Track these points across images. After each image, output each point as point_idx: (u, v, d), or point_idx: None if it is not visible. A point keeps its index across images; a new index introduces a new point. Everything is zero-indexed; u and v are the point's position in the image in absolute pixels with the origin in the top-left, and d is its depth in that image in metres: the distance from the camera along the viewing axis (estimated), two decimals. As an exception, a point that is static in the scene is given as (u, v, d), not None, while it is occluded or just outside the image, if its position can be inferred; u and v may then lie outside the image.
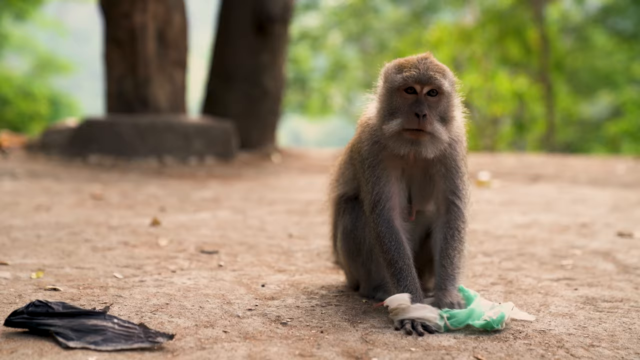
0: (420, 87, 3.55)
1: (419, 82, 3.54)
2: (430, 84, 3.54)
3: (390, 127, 3.56)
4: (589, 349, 3.14)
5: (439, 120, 3.58)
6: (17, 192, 7.87)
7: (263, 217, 6.69)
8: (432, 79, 3.54)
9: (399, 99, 3.58)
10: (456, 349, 3.09)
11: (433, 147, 3.57)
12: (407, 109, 3.54)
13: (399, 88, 3.57)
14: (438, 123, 3.57)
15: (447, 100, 3.61)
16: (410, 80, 3.55)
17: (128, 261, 4.63)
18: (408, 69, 3.58)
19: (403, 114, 3.55)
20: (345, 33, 33.97)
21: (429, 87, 3.55)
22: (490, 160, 14.07)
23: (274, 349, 3.02)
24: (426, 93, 3.56)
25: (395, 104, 3.59)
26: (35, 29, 34.44)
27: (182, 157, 11.52)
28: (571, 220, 6.73)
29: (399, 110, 3.57)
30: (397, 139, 3.56)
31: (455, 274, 3.67)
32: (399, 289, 3.56)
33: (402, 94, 3.58)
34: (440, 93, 3.58)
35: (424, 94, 3.55)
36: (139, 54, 12.10)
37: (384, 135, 3.60)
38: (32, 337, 3.02)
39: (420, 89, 3.55)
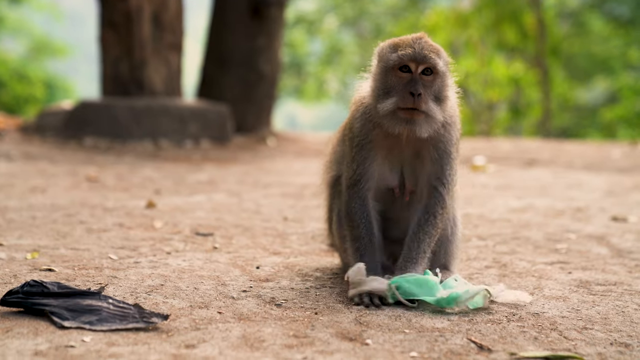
0: (415, 65, 3.56)
1: (414, 61, 3.55)
2: (425, 63, 3.55)
3: (384, 106, 3.57)
4: (582, 331, 3.16)
5: (434, 100, 3.59)
6: (12, 173, 7.86)
7: (258, 200, 6.70)
8: (427, 58, 3.55)
9: (394, 78, 3.59)
10: (450, 331, 3.10)
11: (427, 126, 3.57)
12: (401, 87, 3.55)
13: (394, 67, 3.58)
14: (432, 102, 3.58)
15: (441, 79, 3.62)
16: (406, 58, 3.55)
17: (123, 243, 4.63)
18: (403, 48, 3.59)
19: (398, 93, 3.55)
20: (341, 17, 33.85)
21: (423, 65, 3.56)
22: (485, 145, 14.08)
23: (268, 329, 3.03)
24: (421, 72, 3.57)
25: (389, 83, 3.60)
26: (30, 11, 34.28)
27: (177, 140, 11.50)
28: (566, 205, 6.75)
29: (393, 89, 3.58)
30: (392, 118, 3.57)
31: (419, 258, 3.66)
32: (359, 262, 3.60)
33: (396, 72, 3.58)
34: (434, 72, 3.59)
35: (418, 73, 3.56)
36: (134, 37, 12.05)
37: (379, 114, 3.61)
38: (27, 317, 3.02)
39: (415, 68, 3.56)
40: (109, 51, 12.20)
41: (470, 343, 2.97)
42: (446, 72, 3.67)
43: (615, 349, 2.97)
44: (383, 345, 2.91)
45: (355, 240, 3.73)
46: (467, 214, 6.04)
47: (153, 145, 11.19)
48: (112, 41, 12.15)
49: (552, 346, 2.97)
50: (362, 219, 3.74)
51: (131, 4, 11.98)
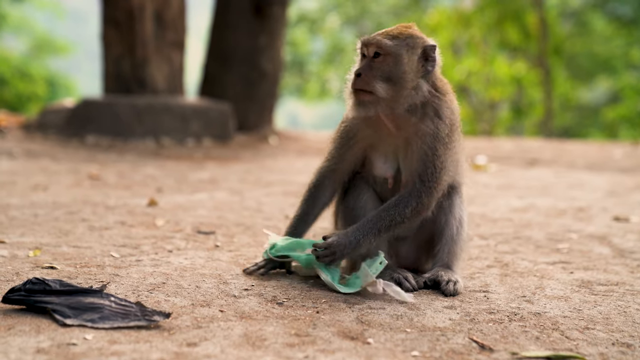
0: (366, 49, 3.69)
1: (364, 44, 3.69)
2: (372, 45, 3.66)
3: (345, 91, 3.73)
4: (584, 331, 3.16)
5: (383, 80, 3.63)
6: (14, 171, 7.86)
7: (260, 199, 6.70)
8: (373, 40, 3.67)
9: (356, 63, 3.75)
10: (451, 330, 3.11)
11: (376, 106, 3.63)
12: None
13: (357, 53, 3.75)
14: (381, 82, 3.62)
15: (392, 61, 3.64)
16: (359, 43, 3.71)
17: (125, 241, 4.63)
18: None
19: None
20: (344, 16, 33.84)
21: (372, 48, 3.66)
22: (487, 145, 14.08)
23: (270, 328, 3.03)
24: (372, 55, 3.66)
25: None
26: (33, 9, 34.30)
27: (179, 139, 11.50)
28: (568, 205, 6.75)
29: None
30: (350, 102, 3.71)
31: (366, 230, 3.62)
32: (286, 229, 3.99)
33: (359, 58, 3.74)
34: (383, 54, 3.65)
35: (370, 56, 3.67)
36: (136, 35, 12.05)
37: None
38: (29, 314, 3.02)
39: (367, 51, 3.68)
40: (111, 49, 12.20)
41: (472, 342, 2.97)
42: (401, 54, 3.65)
43: (617, 349, 2.97)
44: (384, 345, 2.91)
45: (296, 210, 4.04)
46: (469, 213, 6.03)
47: (155, 143, 11.20)
48: (114, 39, 12.15)
49: (553, 346, 2.97)
50: (309, 193, 3.97)
51: (133, 1, 11.99)
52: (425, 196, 3.68)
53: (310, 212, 3.98)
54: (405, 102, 3.65)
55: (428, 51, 3.70)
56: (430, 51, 3.71)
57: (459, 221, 3.90)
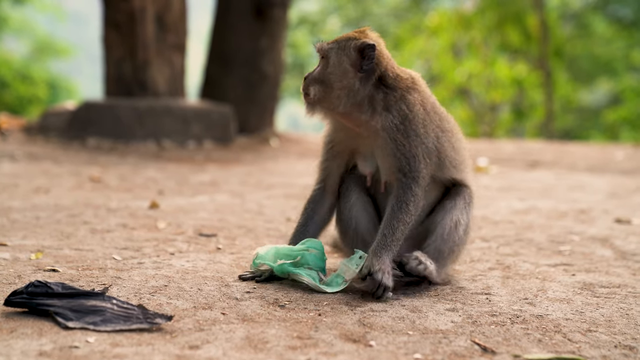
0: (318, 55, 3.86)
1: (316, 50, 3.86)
2: (317, 51, 3.82)
3: None
4: (586, 334, 3.16)
5: (317, 82, 3.77)
6: (16, 174, 7.87)
7: (261, 201, 6.70)
8: (317, 45, 3.82)
9: None
10: (453, 333, 3.10)
11: (315, 107, 3.80)
12: None
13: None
14: (314, 84, 3.78)
15: (325, 63, 3.79)
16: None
17: (127, 243, 4.63)
18: None
19: None
20: (344, 18, 33.84)
21: (319, 53, 3.82)
22: (488, 147, 14.08)
23: (272, 331, 3.03)
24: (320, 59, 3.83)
25: None
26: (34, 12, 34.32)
27: (180, 141, 11.51)
28: (569, 207, 6.75)
29: None
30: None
31: (391, 244, 3.69)
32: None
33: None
34: (322, 57, 3.80)
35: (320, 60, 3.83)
36: (138, 38, 12.06)
37: None
38: (31, 317, 3.02)
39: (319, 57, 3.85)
40: (113, 52, 12.21)
41: (474, 345, 2.97)
42: (329, 57, 3.79)
43: (620, 351, 2.96)
44: (387, 347, 2.91)
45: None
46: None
47: (156, 145, 11.20)
48: (116, 42, 12.16)
49: (556, 348, 2.97)
50: (305, 209, 4.03)
51: (134, 4, 12.00)
52: (414, 186, 3.74)
53: (307, 230, 4.01)
54: (341, 101, 3.76)
55: (366, 50, 3.74)
56: (368, 50, 3.74)
57: (455, 223, 3.88)
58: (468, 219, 3.94)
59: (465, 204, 3.93)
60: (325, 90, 3.76)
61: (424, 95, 3.87)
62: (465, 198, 3.94)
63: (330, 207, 4.03)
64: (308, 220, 4.01)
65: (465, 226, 3.92)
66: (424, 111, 3.80)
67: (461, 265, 4.38)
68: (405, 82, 3.83)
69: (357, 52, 3.75)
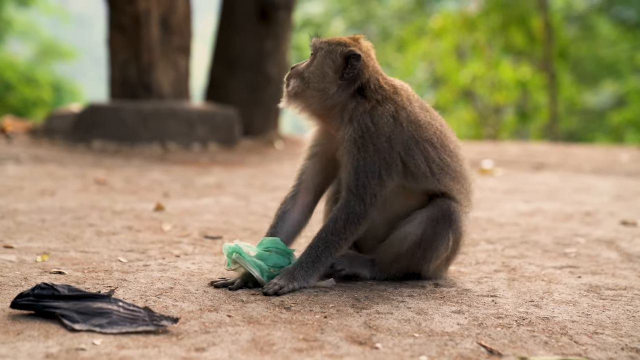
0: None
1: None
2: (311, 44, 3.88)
3: None
4: (593, 336, 3.15)
5: (298, 76, 3.84)
6: (21, 176, 7.88)
7: (266, 203, 6.70)
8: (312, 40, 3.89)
9: None
10: (459, 335, 3.10)
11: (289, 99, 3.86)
12: None
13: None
14: (295, 78, 3.84)
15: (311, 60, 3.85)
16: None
17: (132, 245, 4.64)
18: None
19: None
20: (348, 21, 33.84)
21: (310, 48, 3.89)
22: (493, 149, 14.07)
23: (278, 333, 3.03)
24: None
25: None
26: (38, 14, 34.39)
27: (185, 143, 11.52)
28: (575, 209, 6.74)
29: None
30: None
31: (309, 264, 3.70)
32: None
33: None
34: (312, 53, 3.86)
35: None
36: (142, 40, 12.08)
37: None
38: (37, 320, 3.03)
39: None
40: (117, 54, 12.23)
41: (480, 347, 2.96)
42: (316, 56, 3.83)
43: (627, 354, 2.96)
44: (393, 349, 2.91)
45: None
46: (475, 217, 6.03)
47: (161, 148, 11.21)
48: (121, 44, 12.18)
49: (562, 351, 2.97)
50: (276, 211, 4.05)
51: (139, 7, 12.02)
52: (356, 204, 3.70)
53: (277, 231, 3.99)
54: (314, 102, 3.79)
55: (350, 59, 3.76)
56: (353, 59, 3.76)
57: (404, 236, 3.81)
58: (423, 232, 3.79)
59: (430, 219, 3.79)
60: (302, 87, 3.80)
61: (401, 105, 3.80)
62: (433, 211, 3.81)
63: (304, 208, 4.00)
64: (278, 221, 3.99)
65: (416, 237, 3.80)
66: (393, 123, 3.74)
67: (466, 268, 4.38)
68: (384, 92, 3.81)
69: (342, 59, 3.78)
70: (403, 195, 3.84)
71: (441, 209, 3.82)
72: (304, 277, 3.68)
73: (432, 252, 3.82)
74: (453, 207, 3.84)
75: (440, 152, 3.84)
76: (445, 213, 3.81)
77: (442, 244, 3.82)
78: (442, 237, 3.81)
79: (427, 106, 3.99)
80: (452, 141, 3.96)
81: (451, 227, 3.82)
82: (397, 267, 3.90)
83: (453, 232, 3.83)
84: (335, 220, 3.72)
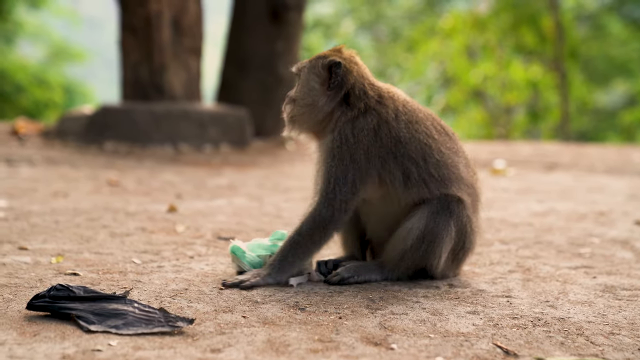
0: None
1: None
2: (294, 70, 3.95)
3: None
4: (609, 336, 3.14)
5: (290, 102, 3.94)
6: (34, 178, 7.91)
7: (279, 204, 6.70)
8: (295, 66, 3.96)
9: None
10: (475, 336, 3.09)
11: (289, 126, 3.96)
12: None
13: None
14: (290, 103, 3.94)
15: (300, 82, 3.92)
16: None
17: (146, 247, 4.65)
18: None
19: None
20: (358, 21, 33.84)
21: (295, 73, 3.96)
22: (505, 149, 14.03)
23: (293, 334, 3.03)
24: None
25: None
26: (49, 16, 34.51)
27: (197, 145, 11.54)
28: (588, 209, 6.71)
29: None
30: None
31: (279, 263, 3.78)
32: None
33: None
34: (298, 75, 3.94)
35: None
36: (154, 42, 12.11)
37: None
38: (54, 321, 3.04)
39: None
40: (129, 56, 12.26)
41: (496, 348, 2.95)
42: (299, 76, 3.91)
43: (644, 354, 2.94)
44: (408, 350, 2.90)
45: None
46: (489, 217, 6.02)
47: (173, 149, 11.24)
48: (132, 46, 12.21)
49: (579, 351, 2.95)
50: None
51: (151, 8, 12.05)
52: (323, 209, 3.78)
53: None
54: (307, 119, 3.89)
55: (332, 68, 3.82)
56: (335, 67, 3.81)
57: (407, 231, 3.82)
58: (425, 225, 3.79)
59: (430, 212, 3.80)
60: (296, 109, 3.89)
61: (384, 119, 3.81)
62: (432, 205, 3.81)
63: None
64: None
65: (419, 231, 3.79)
66: (373, 137, 3.77)
67: (481, 268, 4.37)
68: (368, 100, 3.82)
69: (325, 71, 3.84)
70: (398, 201, 3.87)
71: (439, 202, 3.84)
72: (270, 274, 3.75)
73: (436, 244, 3.82)
74: (450, 199, 3.85)
75: (420, 167, 3.83)
76: (444, 205, 3.83)
77: (446, 235, 3.82)
78: (445, 228, 3.81)
79: (418, 115, 3.92)
80: (441, 150, 3.89)
81: (452, 217, 3.82)
82: (405, 265, 3.90)
83: (455, 221, 3.84)
84: (302, 223, 3.81)
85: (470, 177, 3.99)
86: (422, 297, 3.67)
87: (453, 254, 3.93)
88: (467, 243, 3.95)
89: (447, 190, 3.86)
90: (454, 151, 3.97)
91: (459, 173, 3.94)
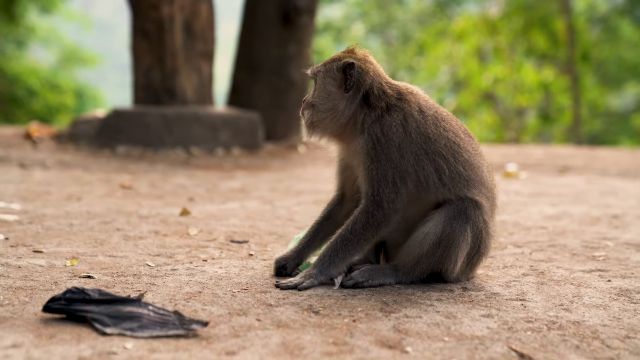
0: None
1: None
2: (309, 74, 3.97)
3: None
4: (625, 340, 3.13)
5: (310, 107, 3.93)
6: (48, 182, 7.95)
7: (291, 208, 6.71)
8: (309, 69, 3.97)
9: None
10: (489, 339, 3.08)
11: (309, 130, 3.97)
12: None
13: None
14: (308, 108, 3.94)
15: (317, 86, 3.93)
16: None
17: (159, 250, 4.66)
18: None
19: None
20: (369, 24, 33.85)
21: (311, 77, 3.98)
22: (517, 152, 13.99)
23: (308, 337, 3.03)
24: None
25: None
26: (61, 21, 34.66)
27: (209, 148, 11.56)
28: (602, 212, 6.68)
29: None
30: None
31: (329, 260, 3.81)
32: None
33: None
34: (314, 79, 3.94)
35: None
36: (166, 46, 12.14)
37: None
38: (69, 323, 3.05)
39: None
40: (141, 60, 12.30)
41: (511, 351, 2.95)
42: (315, 80, 3.92)
43: (660, 358, 2.93)
44: (423, 353, 2.90)
45: None
46: (502, 221, 6.01)
47: (185, 153, 11.27)
48: (144, 50, 12.25)
49: (594, 355, 2.94)
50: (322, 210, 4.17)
51: (163, 12, 12.08)
52: (375, 210, 3.79)
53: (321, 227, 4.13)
54: (330, 123, 3.89)
55: (347, 69, 3.84)
56: (349, 69, 3.84)
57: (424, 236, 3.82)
58: (442, 230, 3.79)
59: (446, 217, 3.80)
60: (315, 114, 3.90)
61: (409, 114, 3.83)
62: (449, 210, 3.82)
63: (347, 213, 4.03)
64: (324, 219, 4.12)
65: (435, 236, 3.80)
66: (403, 133, 3.79)
67: (494, 271, 4.36)
68: (388, 99, 3.85)
69: (341, 73, 3.86)
70: (420, 202, 3.87)
71: (456, 206, 3.84)
72: (321, 271, 3.80)
73: (452, 249, 3.82)
74: (467, 204, 3.85)
75: (451, 164, 3.85)
76: (460, 210, 3.83)
77: (462, 240, 3.82)
78: (461, 233, 3.81)
79: (442, 113, 3.96)
80: (468, 150, 3.93)
81: (468, 222, 3.82)
82: (420, 269, 3.90)
83: (471, 226, 3.84)
84: (355, 221, 3.81)
85: (490, 181, 4.00)
86: (435, 300, 3.67)
87: (468, 258, 3.93)
88: (482, 247, 3.94)
89: (469, 192, 3.87)
90: (478, 153, 3.99)
91: (482, 175, 3.95)
